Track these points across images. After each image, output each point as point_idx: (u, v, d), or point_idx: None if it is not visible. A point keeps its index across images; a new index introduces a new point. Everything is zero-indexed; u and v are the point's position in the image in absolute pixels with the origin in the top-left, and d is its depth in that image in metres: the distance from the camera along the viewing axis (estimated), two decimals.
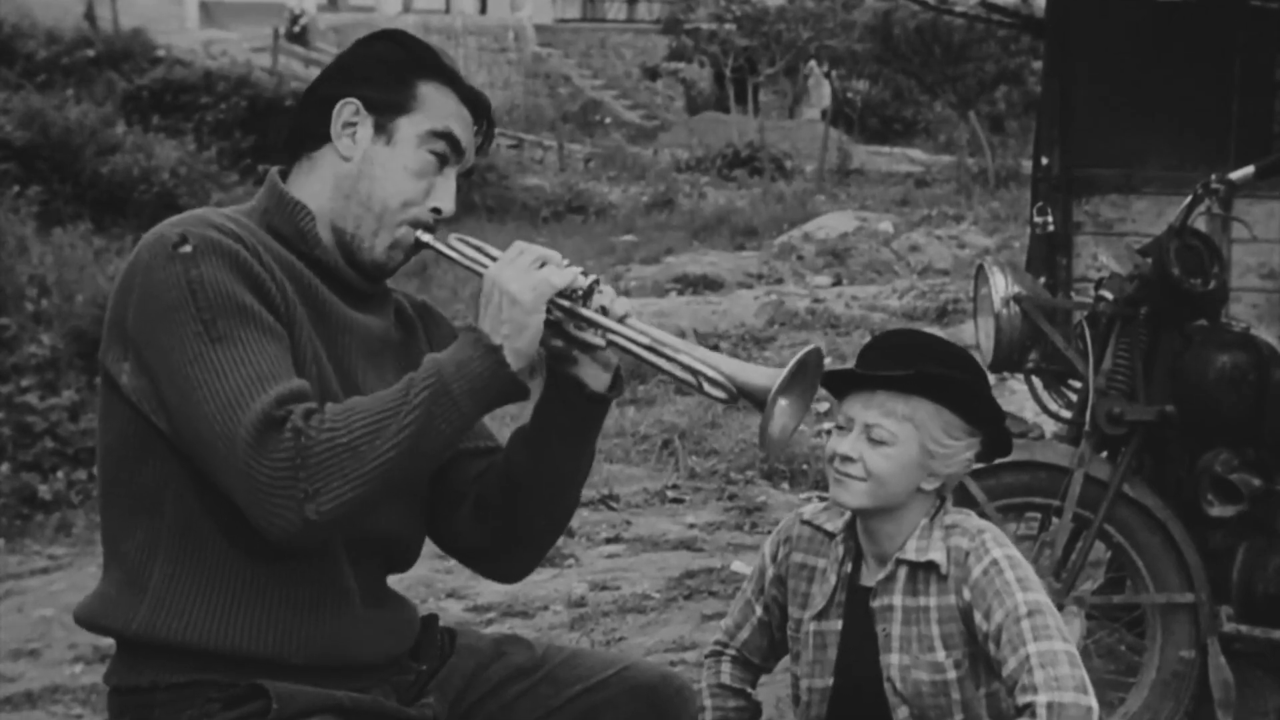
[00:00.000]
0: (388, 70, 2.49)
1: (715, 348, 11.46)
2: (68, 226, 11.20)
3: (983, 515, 4.08)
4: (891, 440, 2.78)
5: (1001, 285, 4.42)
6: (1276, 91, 5.56)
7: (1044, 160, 5.51)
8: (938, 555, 2.83)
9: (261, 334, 2.27)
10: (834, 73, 32.58)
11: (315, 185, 2.48)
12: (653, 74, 35.04)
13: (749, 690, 3.14)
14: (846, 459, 2.80)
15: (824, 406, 8.97)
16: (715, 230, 18.21)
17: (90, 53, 20.89)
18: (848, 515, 2.94)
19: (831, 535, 2.96)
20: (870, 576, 2.91)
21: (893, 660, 2.86)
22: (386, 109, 2.47)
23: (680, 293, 13.84)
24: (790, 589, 3.01)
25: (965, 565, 2.81)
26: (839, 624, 2.92)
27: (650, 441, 8.44)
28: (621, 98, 34.16)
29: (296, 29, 29.48)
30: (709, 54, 32.69)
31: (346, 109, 2.47)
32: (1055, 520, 4.23)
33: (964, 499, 4.14)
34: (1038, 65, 17.95)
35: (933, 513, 2.87)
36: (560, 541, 6.60)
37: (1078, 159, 5.45)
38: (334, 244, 2.48)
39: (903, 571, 2.86)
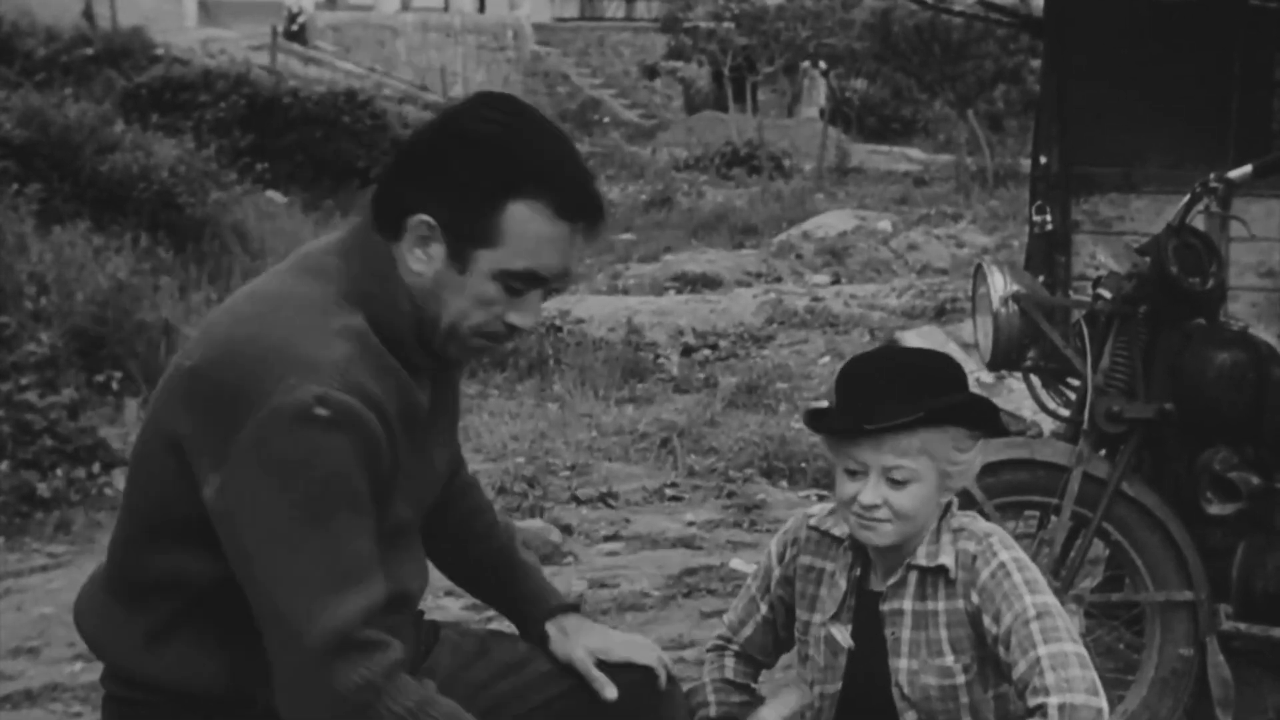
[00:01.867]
0: (472, 191, 2.29)
1: (714, 347, 11.46)
2: (67, 224, 11.18)
3: (982, 514, 4.10)
4: (913, 478, 2.77)
5: (1000, 284, 4.43)
6: (1276, 90, 5.56)
7: (1042, 159, 5.52)
8: (947, 559, 2.83)
9: (362, 526, 2.24)
10: (832, 71, 32.56)
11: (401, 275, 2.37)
12: (651, 73, 35.01)
13: (752, 685, 3.15)
14: (872, 506, 2.79)
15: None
16: (714, 229, 18.22)
17: (89, 51, 20.87)
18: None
19: (839, 540, 2.97)
20: (879, 581, 2.91)
21: (901, 665, 2.86)
22: (464, 238, 2.31)
23: (679, 291, 13.84)
24: (798, 591, 3.01)
25: (973, 569, 2.81)
26: (849, 629, 2.92)
27: (649, 439, 8.44)
28: (620, 96, 34.17)
29: (295, 27, 29.48)
30: (707, 52, 32.65)
31: (421, 227, 2.32)
32: (1054, 518, 4.23)
33: (963, 498, 4.14)
34: (1036, 64, 17.96)
35: (940, 516, 2.88)
36: (559, 539, 6.62)
37: (1076, 157, 5.46)
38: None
39: (913, 576, 2.86)
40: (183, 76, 20.44)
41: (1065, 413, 4.56)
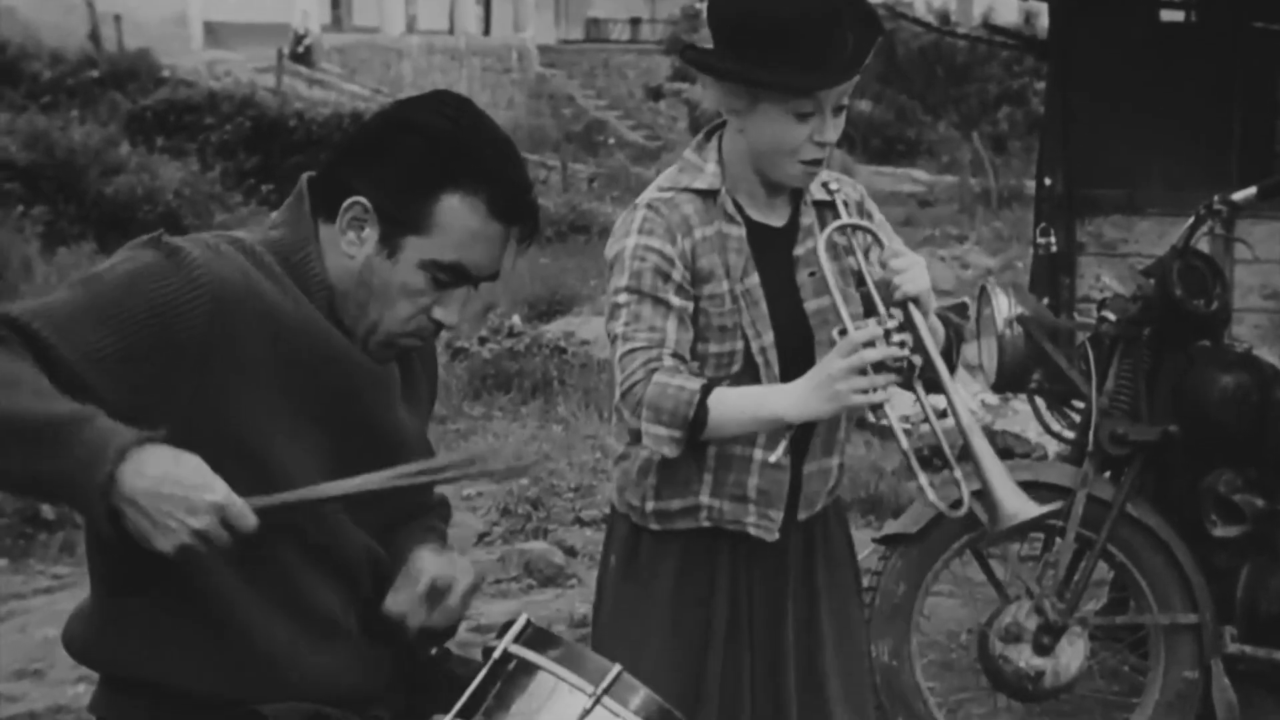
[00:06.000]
0: (410, 177, 2.28)
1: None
2: (72, 246, 11.24)
3: (985, 534, 4.10)
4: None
5: (1004, 306, 4.43)
6: (1278, 111, 5.57)
7: (1047, 180, 5.53)
8: (844, 188, 3.00)
9: (109, 334, 2.12)
10: None
11: (330, 258, 2.34)
12: (656, 94, 35.08)
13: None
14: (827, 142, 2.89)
15: None
16: None
17: (95, 73, 20.94)
18: (710, 165, 2.91)
19: (714, 192, 2.90)
20: (769, 215, 2.95)
21: (817, 304, 2.91)
22: (396, 223, 2.29)
23: None
24: (699, 269, 2.88)
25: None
26: (756, 277, 2.90)
27: None
28: (625, 118, 34.21)
29: (301, 49, 29.52)
30: None
31: (355, 208, 2.30)
32: (1058, 541, 4.22)
33: (969, 520, 4.14)
34: (1040, 86, 17.99)
35: None
36: (563, 561, 6.60)
37: (1081, 179, 5.47)
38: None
39: (813, 211, 2.97)
40: (188, 99, 20.52)
41: (1070, 435, 4.55)
